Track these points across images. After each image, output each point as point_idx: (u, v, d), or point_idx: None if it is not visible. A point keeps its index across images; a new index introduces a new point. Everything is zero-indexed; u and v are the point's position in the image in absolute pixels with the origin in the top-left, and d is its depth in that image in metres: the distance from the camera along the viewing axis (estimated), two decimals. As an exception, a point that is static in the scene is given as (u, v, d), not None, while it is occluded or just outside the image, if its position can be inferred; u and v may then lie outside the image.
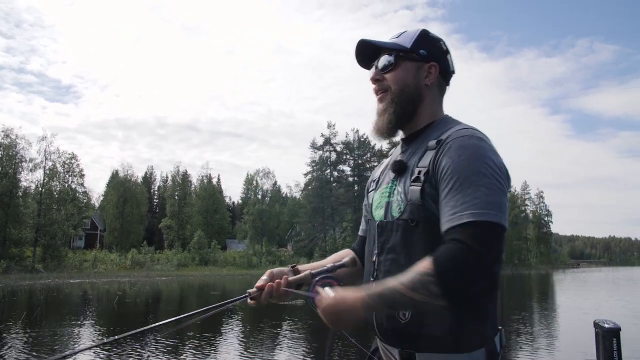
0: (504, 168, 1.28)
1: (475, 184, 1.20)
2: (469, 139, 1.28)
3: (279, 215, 63.20)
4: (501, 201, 1.21)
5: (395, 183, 1.42)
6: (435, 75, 1.45)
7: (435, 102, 1.47)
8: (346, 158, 63.60)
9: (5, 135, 43.61)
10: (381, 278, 1.35)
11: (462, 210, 1.18)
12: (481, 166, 1.23)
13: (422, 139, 1.41)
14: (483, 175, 1.22)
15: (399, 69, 1.44)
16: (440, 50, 1.48)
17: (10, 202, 41.86)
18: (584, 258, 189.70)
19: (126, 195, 60.42)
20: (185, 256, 52.34)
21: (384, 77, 1.46)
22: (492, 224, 1.17)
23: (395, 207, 1.37)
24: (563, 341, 9.93)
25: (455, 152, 1.25)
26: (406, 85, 1.43)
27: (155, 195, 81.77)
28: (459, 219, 1.18)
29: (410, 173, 1.36)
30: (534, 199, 78.94)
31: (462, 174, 1.22)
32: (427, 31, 1.49)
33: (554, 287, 29.10)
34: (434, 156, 1.30)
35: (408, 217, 1.30)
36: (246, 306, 10.21)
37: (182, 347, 9.03)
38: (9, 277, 33.77)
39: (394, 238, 1.34)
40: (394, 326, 1.32)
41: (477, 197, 1.19)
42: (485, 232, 1.16)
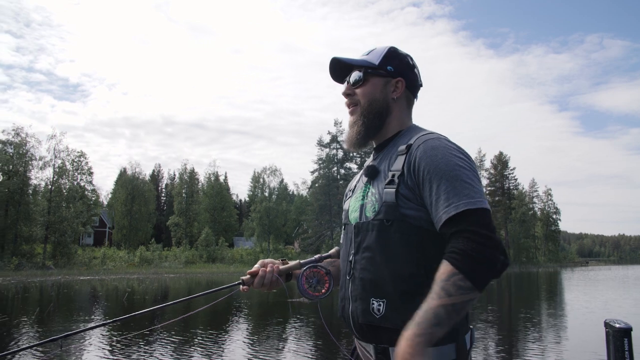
0: (472, 159, 1.39)
1: (459, 177, 1.30)
2: (437, 140, 1.39)
3: (286, 213, 63.22)
4: (481, 188, 1.32)
5: (368, 187, 1.49)
6: (402, 89, 1.55)
7: (403, 113, 1.57)
8: (353, 156, 63.49)
9: (15, 133, 44.03)
10: (357, 276, 1.43)
11: (457, 200, 1.27)
12: (458, 160, 1.33)
13: (391, 146, 1.51)
14: (463, 168, 1.32)
15: (367, 84, 1.55)
16: (407, 66, 1.58)
17: (21, 199, 42.27)
18: (593, 256, 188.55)
19: (134, 193, 60.71)
20: (192, 253, 52.59)
21: (354, 91, 1.57)
22: (484, 209, 1.27)
23: (370, 208, 1.44)
24: (572, 341, 9.87)
25: (430, 153, 1.35)
26: (374, 99, 1.54)
27: (162, 193, 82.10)
28: (455, 208, 1.26)
29: (383, 176, 1.44)
30: (542, 196, 78.62)
31: (444, 171, 1.31)
32: (395, 48, 1.59)
33: (562, 286, 28.97)
34: (406, 160, 1.39)
35: (383, 217, 1.38)
36: (252, 304, 10.30)
37: (189, 345, 9.12)
38: (20, 273, 34.16)
39: (369, 237, 1.40)
40: (369, 321, 1.38)
41: (465, 188, 1.28)
42: (483, 216, 1.26)
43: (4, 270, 35.46)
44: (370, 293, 1.38)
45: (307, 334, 10.27)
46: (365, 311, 1.39)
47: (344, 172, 63.03)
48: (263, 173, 63.74)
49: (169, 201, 76.45)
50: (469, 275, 1.19)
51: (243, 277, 1.60)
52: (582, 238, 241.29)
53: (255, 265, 1.61)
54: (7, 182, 42.46)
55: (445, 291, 1.19)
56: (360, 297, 1.41)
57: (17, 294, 20.08)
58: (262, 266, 1.60)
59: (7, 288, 23.47)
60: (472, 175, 1.32)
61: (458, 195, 1.27)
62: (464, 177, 1.30)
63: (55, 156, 47.09)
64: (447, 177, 1.30)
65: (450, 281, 1.19)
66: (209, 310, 15.65)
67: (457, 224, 1.26)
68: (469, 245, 1.21)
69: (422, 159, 1.35)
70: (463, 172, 1.31)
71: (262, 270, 1.58)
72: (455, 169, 1.31)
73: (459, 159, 1.34)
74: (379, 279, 1.37)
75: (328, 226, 59.57)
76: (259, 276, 1.57)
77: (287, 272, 1.63)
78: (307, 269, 1.60)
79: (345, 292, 1.50)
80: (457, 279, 1.19)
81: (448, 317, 1.19)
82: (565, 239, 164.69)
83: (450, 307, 1.19)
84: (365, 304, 1.39)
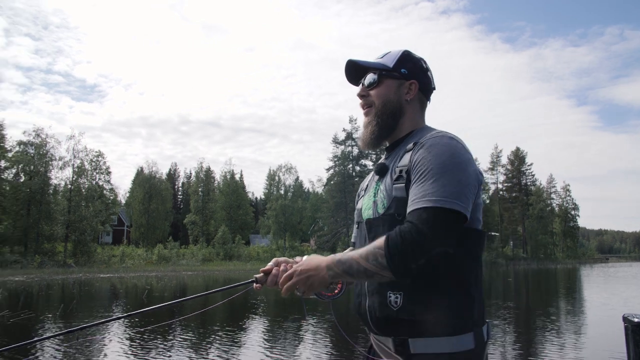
0: (473, 165, 1.41)
1: (438, 175, 1.34)
2: (441, 138, 1.43)
3: (301, 211, 63.37)
4: (461, 192, 1.33)
5: (379, 184, 1.55)
6: (415, 91, 1.60)
7: (416, 115, 1.62)
8: (368, 153, 63.40)
9: (36, 134, 44.89)
10: None
11: (422, 197, 1.33)
12: (447, 160, 1.36)
13: (402, 145, 1.56)
14: (447, 169, 1.35)
15: (382, 86, 1.60)
16: (420, 69, 1.62)
17: (42, 199, 43.08)
18: (613, 253, 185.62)
19: (151, 192, 61.37)
20: (209, 251, 53.02)
21: (369, 93, 1.62)
22: (445, 210, 1.30)
23: (380, 204, 1.49)
24: (591, 336, 9.83)
25: (427, 149, 1.40)
26: (388, 101, 1.59)
27: (179, 192, 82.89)
28: (416, 204, 1.33)
29: (391, 173, 1.50)
30: (560, 192, 77.52)
31: (428, 167, 1.36)
32: (409, 52, 1.64)
33: (581, 282, 28.64)
34: (411, 155, 1.44)
35: (394, 212, 1.42)
36: (268, 301, 10.46)
37: (205, 341, 9.27)
38: (43, 271, 34.87)
39: (381, 232, 1.41)
40: (386, 314, 1.41)
41: (437, 187, 1.32)
42: (435, 216, 1.29)
43: (28, 268, 36.25)
44: (387, 286, 1.41)
45: (322, 332, 10.32)
46: (382, 304, 1.42)
47: (360, 169, 62.98)
48: (278, 171, 64.02)
49: (185, 199, 77.16)
50: (386, 256, 1.29)
51: (257, 275, 1.63)
52: (601, 234, 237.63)
53: (269, 264, 1.64)
54: (28, 182, 43.36)
55: (366, 255, 1.33)
56: (377, 291, 1.44)
57: (41, 291, 20.55)
58: (276, 265, 1.63)
59: (31, 285, 24.00)
60: (453, 177, 1.35)
61: (425, 192, 1.33)
62: (445, 175, 1.34)
63: (75, 156, 47.97)
64: (426, 173, 1.36)
65: (374, 251, 1.31)
66: (224, 308, 15.83)
67: (410, 216, 1.33)
68: (405, 235, 1.27)
69: (420, 154, 1.41)
70: (445, 172, 1.34)
71: (275, 269, 1.61)
72: (439, 167, 1.35)
73: (449, 159, 1.37)
74: None
75: (344, 223, 59.59)
76: (272, 275, 1.60)
77: None
78: None
79: (361, 288, 1.53)
80: (378, 252, 1.30)
81: (357, 274, 1.34)
82: (585, 236, 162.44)
83: (363, 269, 1.32)
84: (382, 297, 1.42)
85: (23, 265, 37.14)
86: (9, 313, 12.34)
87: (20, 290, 20.73)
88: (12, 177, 44.69)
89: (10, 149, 44.14)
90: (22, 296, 17.61)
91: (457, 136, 1.47)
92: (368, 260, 1.31)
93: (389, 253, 1.28)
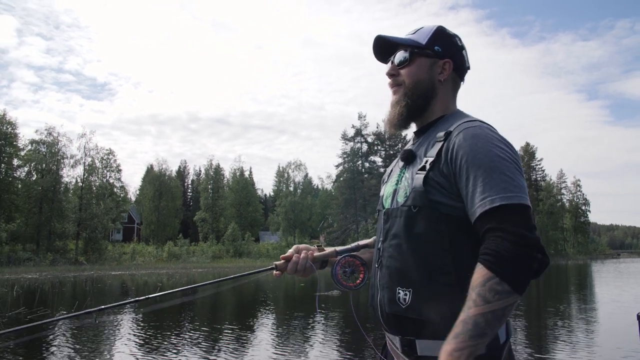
0: (516, 151, 1.32)
1: (499, 169, 1.23)
2: (479, 128, 1.32)
3: (311, 207, 63.55)
4: (523, 183, 1.25)
5: (403, 171, 1.45)
6: (449, 71, 1.48)
7: (448, 97, 1.50)
8: (377, 149, 63.39)
9: (48, 133, 45.35)
10: (385, 264, 1.39)
11: (493, 194, 1.20)
12: (499, 151, 1.26)
13: (431, 131, 1.44)
14: (503, 160, 1.25)
15: (413, 64, 1.48)
16: (455, 46, 1.50)
17: (54, 197, 43.53)
18: (624, 248, 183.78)
19: (162, 189, 61.82)
20: (219, 248, 53.36)
21: (399, 72, 1.50)
22: (522, 205, 1.20)
23: (401, 194, 1.40)
24: (603, 334, 9.78)
25: (470, 142, 1.28)
26: (420, 81, 1.47)
27: (189, 189, 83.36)
28: (491, 202, 1.19)
29: (418, 162, 1.39)
30: (571, 187, 77.02)
31: (483, 161, 1.24)
32: (443, 27, 1.52)
33: (592, 278, 28.48)
34: (443, 147, 1.32)
35: (411, 204, 1.33)
36: (279, 296, 10.53)
37: (217, 335, 9.37)
38: (55, 268, 35.26)
39: (397, 224, 1.36)
40: (395, 311, 1.33)
41: (504, 181, 1.21)
42: (520, 212, 1.19)
43: (40, 265, 36.68)
44: (397, 282, 1.34)
45: (334, 328, 10.40)
46: (391, 300, 1.34)
47: (369, 165, 62.92)
48: (288, 168, 64.24)
49: (195, 197, 77.60)
50: (505, 278, 1.12)
51: (276, 262, 1.58)
52: (613, 229, 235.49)
53: (290, 250, 1.60)
54: (40, 180, 43.82)
55: (482, 298, 1.12)
56: (387, 286, 1.37)
57: (55, 289, 20.82)
58: (297, 252, 1.58)
59: (44, 282, 24.31)
60: (513, 168, 1.24)
61: (495, 189, 1.20)
62: (504, 169, 1.23)
63: (86, 154, 48.43)
64: (485, 168, 1.23)
65: (487, 286, 1.12)
66: (237, 302, 15.96)
67: (490, 220, 1.19)
68: (503, 245, 1.14)
69: (460, 147, 1.28)
70: (503, 164, 1.24)
71: (295, 256, 1.56)
72: (494, 159, 1.24)
73: (500, 150, 1.27)
74: (406, 268, 1.32)
75: (353, 220, 59.63)
76: (292, 262, 1.55)
77: (322, 259, 1.59)
78: (343, 258, 1.55)
79: (374, 280, 1.45)
80: (493, 284, 1.12)
81: (488, 326, 1.12)
82: (595, 231, 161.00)
83: (490, 314, 1.11)
84: (391, 293, 1.35)
85: (35, 263, 37.58)
86: (26, 310, 12.55)
87: (34, 287, 21.02)
88: (24, 175, 45.23)
89: (23, 147, 44.69)
90: (37, 293, 17.85)
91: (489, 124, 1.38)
92: (489, 301, 1.11)
93: (504, 274, 1.12)
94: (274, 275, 1.58)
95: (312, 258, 1.58)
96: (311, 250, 1.59)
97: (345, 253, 1.57)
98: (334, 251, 1.60)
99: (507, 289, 1.12)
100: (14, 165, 44.06)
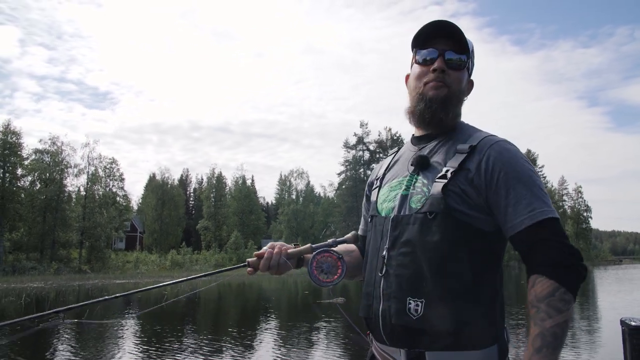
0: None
1: (537, 184, 1.28)
2: (508, 144, 1.35)
3: (313, 215, 63.67)
4: (548, 198, 1.30)
5: (415, 177, 1.40)
6: (470, 90, 1.50)
7: (459, 114, 1.48)
8: (379, 157, 63.60)
9: (52, 142, 45.69)
10: (392, 273, 1.33)
11: (540, 207, 1.25)
12: (531, 167, 1.32)
13: (446, 140, 1.41)
14: (537, 176, 1.31)
15: (464, 71, 1.44)
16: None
17: (57, 206, 43.74)
18: (627, 254, 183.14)
19: (164, 198, 62.02)
20: (222, 256, 53.41)
21: (449, 72, 1.41)
22: (559, 219, 1.27)
23: (416, 199, 1.35)
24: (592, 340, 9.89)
25: (507, 155, 1.31)
26: (461, 91, 1.44)
27: (191, 197, 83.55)
28: (542, 214, 1.24)
29: (436, 169, 1.36)
30: (572, 194, 77.03)
31: (522, 175, 1.28)
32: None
33: (594, 284, 28.57)
34: (472, 159, 1.32)
35: (427, 210, 1.29)
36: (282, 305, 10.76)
37: (217, 342, 9.56)
38: (60, 277, 35.43)
39: (409, 231, 1.31)
40: (404, 322, 1.28)
41: (544, 195, 1.27)
42: (560, 225, 1.26)
43: (45, 274, 36.84)
44: (408, 292, 1.28)
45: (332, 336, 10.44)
46: (400, 311, 1.28)
47: (370, 173, 63.11)
48: (290, 176, 64.44)
49: (197, 205, 77.75)
50: (570, 287, 1.18)
51: (249, 259, 1.53)
52: (615, 236, 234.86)
53: (264, 248, 1.54)
54: (44, 189, 44.07)
55: (555, 308, 1.16)
56: (395, 296, 1.30)
57: (62, 297, 21.03)
58: (271, 248, 1.52)
59: (51, 291, 24.52)
60: (542, 183, 1.31)
61: (539, 202, 1.25)
62: (540, 185, 1.29)
63: (89, 163, 48.70)
64: (524, 182, 1.27)
65: (557, 296, 1.16)
66: (234, 308, 16.10)
67: (541, 232, 1.23)
68: (562, 256, 1.20)
69: (497, 160, 1.30)
70: (538, 180, 1.30)
71: (268, 252, 1.50)
72: (531, 175, 1.29)
73: (530, 165, 1.32)
74: (419, 277, 1.28)
75: (355, 227, 59.40)
76: (265, 258, 1.49)
77: (297, 255, 1.53)
78: (319, 254, 1.49)
79: (374, 290, 1.38)
80: (561, 293, 1.17)
81: (564, 335, 1.17)
82: (597, 237, 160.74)
83: (564, 324, 1.16)
84: (400, 303, 1.29)
85: (40, 272, 37.75)
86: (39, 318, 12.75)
87: (42, 296, 21.24)
88: (28, 184, 45.49)
89: (27, 156, 45.00)
90: (47, 302, 18.08)
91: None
92: (561, 311, 1.16)
93: (568, 284, 1.18)
94: (247, 273, 1.53)
95: (287, 254, 1.51)
96: (286, 247, 1.53)
97: (321, 249, 1.51)
98: (310, 247, 1.53)
99: (571, 297, 1.18)
100: (17, 174, 44.33)
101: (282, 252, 1.50)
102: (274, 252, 1.50)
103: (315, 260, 1.47)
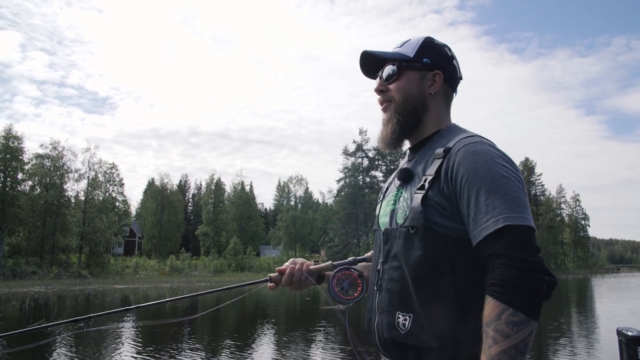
0: (518, 167, 1.26)
1: (502, 188, 1.17)
2: (480, 144, 1.26)
3: (312, 222, 63.86)
4: (527, 202, 1.20)
5: (401, 191, 1.38)
6: (440, 83, 1.42)
7: (441, 110, 1.44)
8: (378, 164, 63.88)
9: (52, 147, 45.83)
10: (384, 287, 1.33)
11: (497, 215, 1.14)
12: (502, 169, 1.20)
13: (428, 147, 1.39)
14: (506, 178, 1.19)
15: (402, 78, 1.42)
16: (444, 57, 1.44)
17: (58, 211, 43.81)
18: (624, 262, 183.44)
19: (163, 203, 62.10)
20: (221, 262, 53.43)
21: (387, 87, 1.44)
22: (526, 227, 1.14)
23: (400, 214, 1.33)
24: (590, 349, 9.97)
25: (471, 159, 1.22)
26: (410, 95, 1.41)
27: (189, 203, 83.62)
28: (494, 224, 1.14)
29: (417, 181, 1.33)
30: (570, 202, 77.48)
31: (485, 180, 1.19)
32: (431, 38, 1.46)
33: (592, 292, 28.75)
34: (442, 164, 1.27)
35: (409, 224, 1.27)
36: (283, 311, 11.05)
37: (215, 346, 9.74)
38: (61, 282, 35.50)
39: (396, 245, 1.30)
40: (393, 336, 1.27)
41: (507, 201, 1.16)
42: (523, 235, 1.13)
43: (45, 279, 36.90)
44: (397, 306, 1.27)
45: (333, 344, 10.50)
46: (390, 325, 1.28)
47: (370, 180, 63.35)
48: (289, 182, 64.62)
49: (196, 211, 77.81)
50: (519, 307, 1.07)
51: (271, 274, 1.55)
52: (612, 244, 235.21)
53: (285, 263, 1.56)
54: (44, 194, 44.16)
55: (501, 333, 1.07)
56: (386, 310, 1.30)
57: (65, 302, 21.16)
58: (293, 264, 1.55)
59: (53, 296, 24.62)
60: (516, 187, 1.19)
61: (498, 209, 1.14)
62: (507, 188, 1.17)
63: (90, 168, 48.82)
64: (487, 188, 1.17)
65: (502, 320, 1.07)
66: (236, 315, 16.26)
67: (493, 245, 1.13)
68: (508, 273, 1.09)
69: (460, 165, 1.22)
70: (506, 182, 1.18)
71: (290, 268, 1.52)
72: (497, 178, 1.18)
73: (502, 167, 1.21)
74: (406, 292, 1.26)
75: (354, 234, 59.89)
76: (287, 273, 1.52)
77: (318, 272, 1.56)
78: (339, 271, 1.51)
79: (372, 303, 1.38)
80: (508, 315, 1.07)
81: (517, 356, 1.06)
82: (595, 245, 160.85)
83: (513, 349, 1.06)
84: (390, 317, 1.28)
85: (40, 276, 37.81)
86: (46, 322, 12.89)
87: (43, 301, 21.35)
88: (28, 189, 45.55)
89: (28, 161, 45.09)
90: (54, 306, 18.19)
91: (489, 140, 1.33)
92: (509, 336, 1.06)
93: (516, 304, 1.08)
94: (269, 288, 1.54)
95: (308, 271, 1.54)
96: (307, 263, 1.55)
97: (341, 266, 1.54)
98: (331, 264, 1.56)
99: (523, 318, 1.07)
100: (18, 179, 44.39)
101: (304, 269, 1.54)
102: (295, 268, 1.53)
103: (335, 278, 1.49)
